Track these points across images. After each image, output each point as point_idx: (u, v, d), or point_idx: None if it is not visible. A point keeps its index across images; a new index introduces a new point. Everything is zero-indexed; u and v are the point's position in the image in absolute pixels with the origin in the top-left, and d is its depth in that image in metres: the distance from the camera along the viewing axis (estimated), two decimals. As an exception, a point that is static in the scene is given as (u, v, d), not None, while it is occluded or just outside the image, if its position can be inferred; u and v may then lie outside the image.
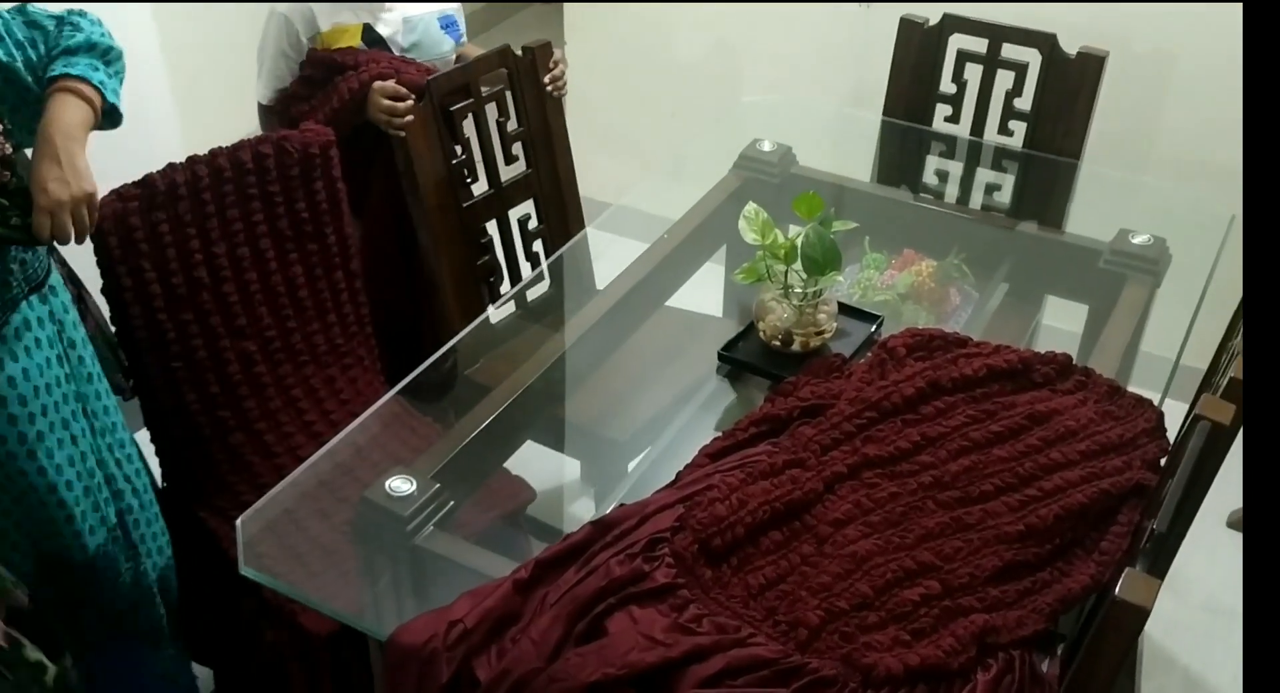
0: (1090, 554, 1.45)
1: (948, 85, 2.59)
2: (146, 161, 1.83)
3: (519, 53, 2.39)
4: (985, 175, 2.61)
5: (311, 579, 1.58)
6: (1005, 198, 2.55)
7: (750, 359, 1.91)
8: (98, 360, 1.77)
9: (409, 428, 1.88)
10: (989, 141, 2.60)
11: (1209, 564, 2.50)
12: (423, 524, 1.57)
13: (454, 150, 2.30)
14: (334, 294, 2.08)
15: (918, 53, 2.58)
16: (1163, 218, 2.28)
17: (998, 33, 2.49)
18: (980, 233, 2.38)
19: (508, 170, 2.44)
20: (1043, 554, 1.43)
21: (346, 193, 2.07)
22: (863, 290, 2.12)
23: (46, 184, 1.46)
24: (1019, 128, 2.54)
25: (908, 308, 2.09)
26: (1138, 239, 2.14)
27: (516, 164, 2.45)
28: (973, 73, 2.55)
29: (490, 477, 1.87)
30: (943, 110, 2.62)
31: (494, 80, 2.37)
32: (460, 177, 2.32)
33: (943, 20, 2.54)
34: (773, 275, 1.86)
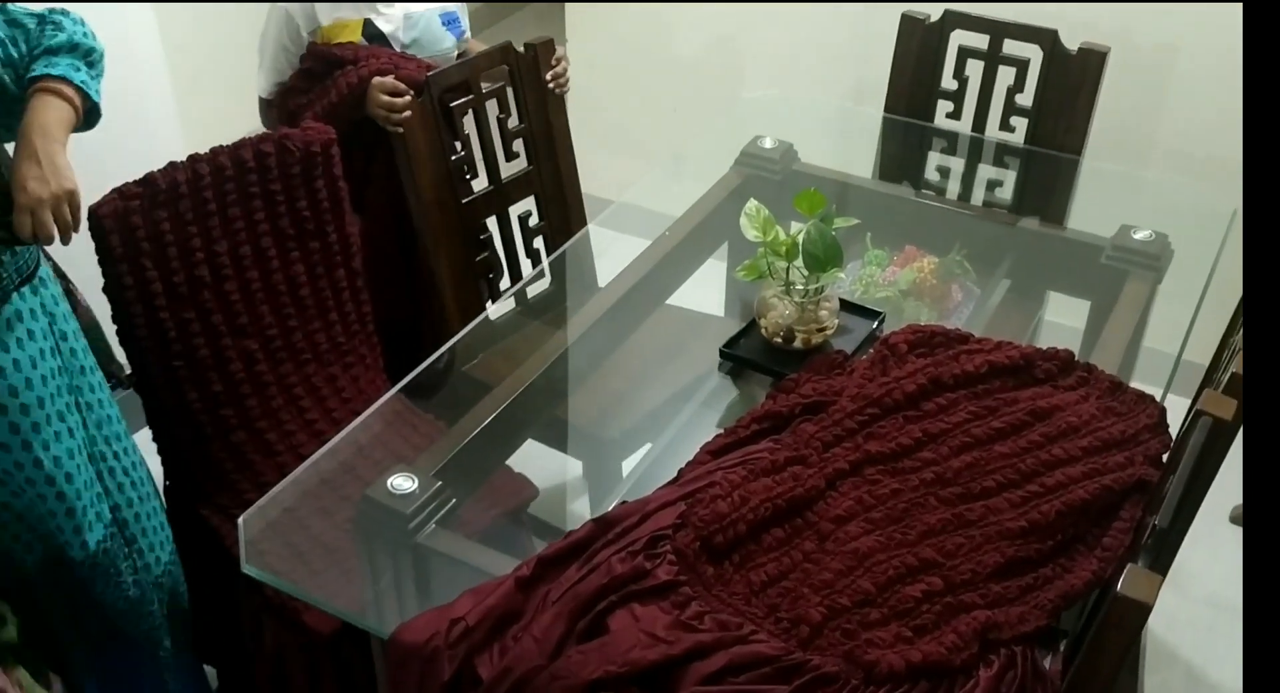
0: (1092, 550, 1.45)
1: (949, 81, 2.58)
2: (148, 160, 1.83)
3: (521, 50, 2.39)
4: (987, 171, 2.61)
5: (313, 577, 1.58)
6: (1007, 194, 2.55)
7: (752, 356, 1.91)
8: (90, 353, 1.77)
9: (411, 426, 1.88)
10: (990, 138, 2.59)
11: (1211, 560, 2.50)
12: (425, 522, 1.57)
13: (453, 147, 2.30)
14: (335, 292, 2.08)
15: (919, 49, 2.58)
16: (1164, 213, 2.28)
17: (999, 29, 2.49)
18: (982, 229, 2.38)
19: (508, 167, 2.44)
20: (1045, 550, 1.43)
21: (346, 190, 2.07)
22: (864, 287, 2.12)
23: (26, 183, 1.46)
24: (1020, 124, 2.54)
25: (909, 304, 2.09)
26: (1139, 235, 2.14)
27: (517, 161, 2.45)
28: (974, 69, 2.54)
29: (492, 475, 1.87)
30: (944, 106, 2.61)
31: (495, 77, 2.37)
32: (460, 173, 2.32)
33: (944, 16, 2.54)
34: (774, 272, 1.86)
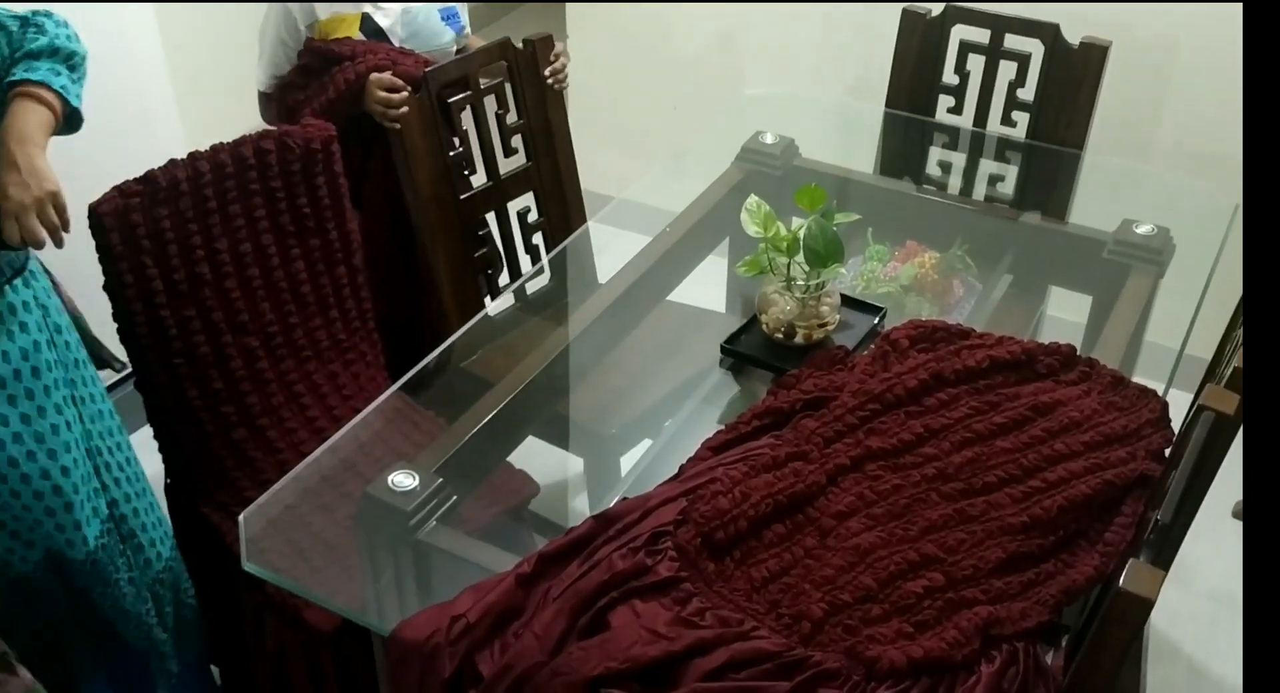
0: (1094, 545, 1.44)
1: (950, 76, 2.58)
2: (148, 158, 1.83)
3: (519, 46, 2.39)
4: (988, 166, 2.61)
5: (314, 575, 1.58)
6: (1008, 189, 2.54)
7: (753, 352, 1.90)
8: (83, 346, 1.76)
9: (411, 423, 1.88)
10: (992, 132, 2.59)
11: (1214, 555, 2.50)
12: (425, 519, 1.57)
13: (451, 143, 2.30)
14: (336, 289, 2.07)
15: (920, 44, 2.57)
16: (1166, 208, 2.28)
17: (1000, 23, 2.49)
18: (983, 224, 2.38)
19: (506, 163, 2.43)
20: (1046, 546, 1.42)
21: (347, 187, 2.06)
22: (866, 282, 2.11)
23: (7, 190, 1.46)
24: (1022, 118, 2.53)
25: (911, 300, 2.09)
26: (1141, 229, 2.13)
27: (516, 157, 2.45)
28: (975, 64, 2.54)
29: (493, 471, 1.87)
30: (945, 101, 2.61)
31: (493, 72, 2.36)
32: (458, 169, 2.32)
33: (945, 11, 2.53)
34: (775, 268, 1.85)
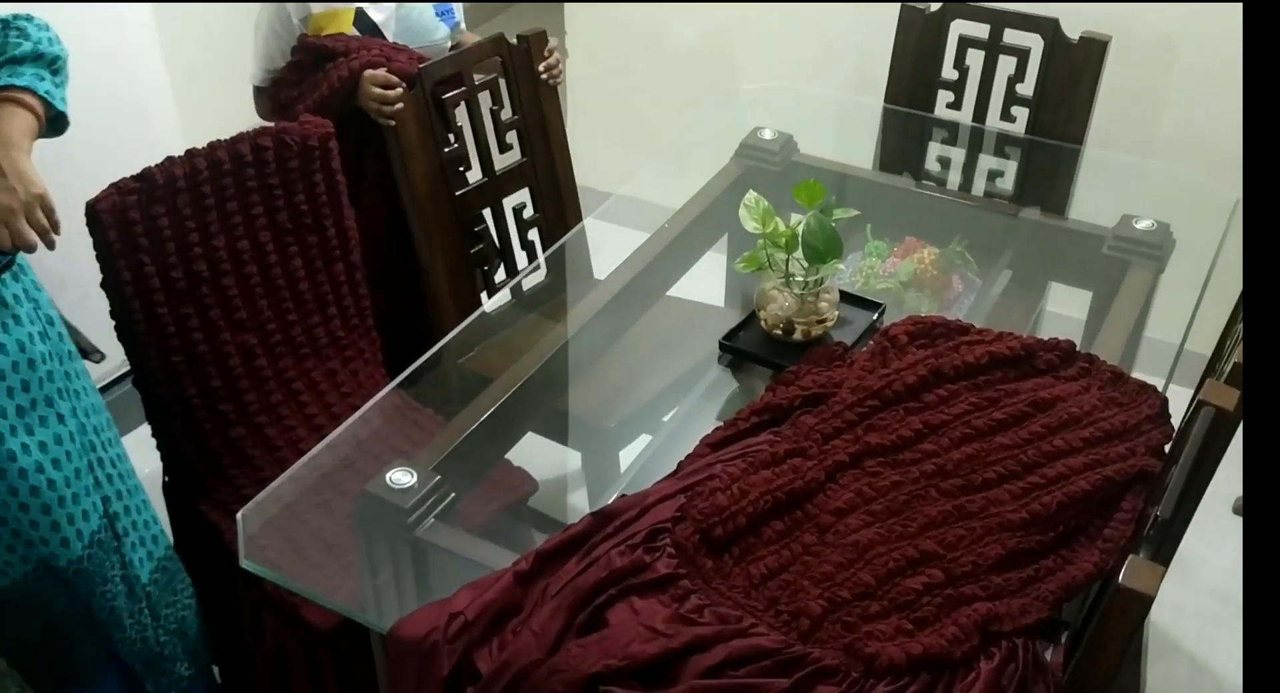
0: (1094, 542, 1.44)
1: (949, 71, 2.57)
2: (145, 155, 1.83)
3: (513, 41, 2.39)
4: (988, 162, 2.60)
5: (313, 572, 1.58)
6: (1008, 184, 2.54)
7: (751, 348, 1.90)
8: (70, 339, 1.75)
9: (410, 420, 1.88)
10: (991, 128, 2.58)
11: (1214, 550, 2.50)
12: (423, 517, 1.57)
13: (446, 139, 2.29)
14: (334, 286, 2.07)
15: (919, 39, 2.57)
16: (1166, 203, 2.27)
17: (999, 18, 2.48)
18: (983, 219, 2.37)
19: (502, 159, 2.43)
20: (1046, 542, 1.42)
21: (345, 184, 2.06)
22: (865, 278, 2.11)
23: None
24: (1021, 114, 2.53)
25: (910, 296, 2.08)
26: (1141, 224, 2.13)
27: (511, 153, 2.45)
28: (974, 59, 2.53)
29: (491, 469, 1.87)
30: (944, 97, 2.60)
31: (488, 69, 2.36)
32: (453, 166, 2.32)
33: (944, 6, 2.53)
34: (774, 264, 1.85)
